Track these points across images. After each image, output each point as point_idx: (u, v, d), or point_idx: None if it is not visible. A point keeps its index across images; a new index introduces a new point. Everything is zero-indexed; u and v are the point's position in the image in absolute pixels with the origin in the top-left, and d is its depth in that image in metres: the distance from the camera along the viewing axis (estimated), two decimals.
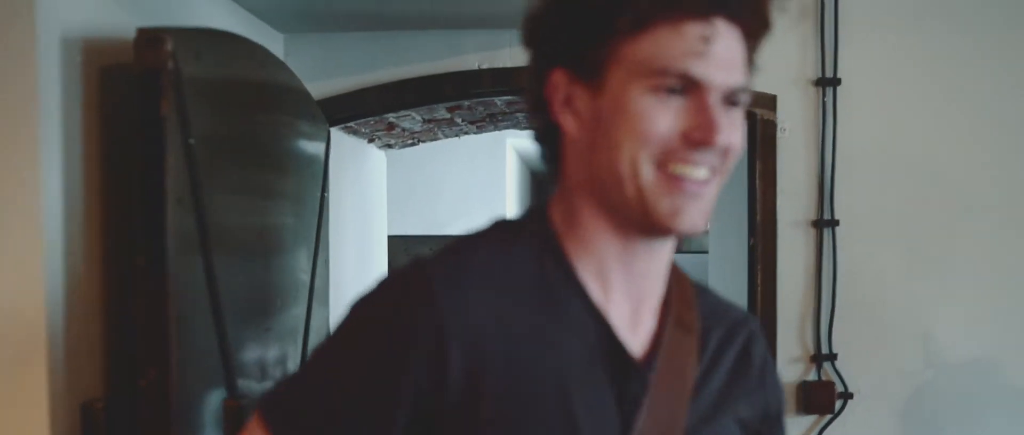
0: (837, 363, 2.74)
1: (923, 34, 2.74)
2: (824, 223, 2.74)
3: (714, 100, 1.01)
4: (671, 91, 1.01)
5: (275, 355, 2.25)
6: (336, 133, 2.99)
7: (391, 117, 3.13)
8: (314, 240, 2.58)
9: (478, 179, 5.70)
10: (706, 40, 1.01)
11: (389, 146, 3.79)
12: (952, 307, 2.74)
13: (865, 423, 2.75)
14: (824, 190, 2.74)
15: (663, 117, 1.01)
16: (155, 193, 1.66)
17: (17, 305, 1.64)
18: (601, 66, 1.03)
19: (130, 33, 1.79)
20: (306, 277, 2.52)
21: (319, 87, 2.82)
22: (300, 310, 2.47)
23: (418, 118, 3.23)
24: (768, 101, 2.73)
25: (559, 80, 1.06)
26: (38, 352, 1.65)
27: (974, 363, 2.75)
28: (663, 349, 1.09)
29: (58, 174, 1.69)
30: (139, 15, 1.96)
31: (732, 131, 1.02)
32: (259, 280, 2.16)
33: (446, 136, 3.73)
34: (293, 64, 2.61)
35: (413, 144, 3.81)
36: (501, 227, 1.12)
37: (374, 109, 2.91)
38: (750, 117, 2.75)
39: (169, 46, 1.66)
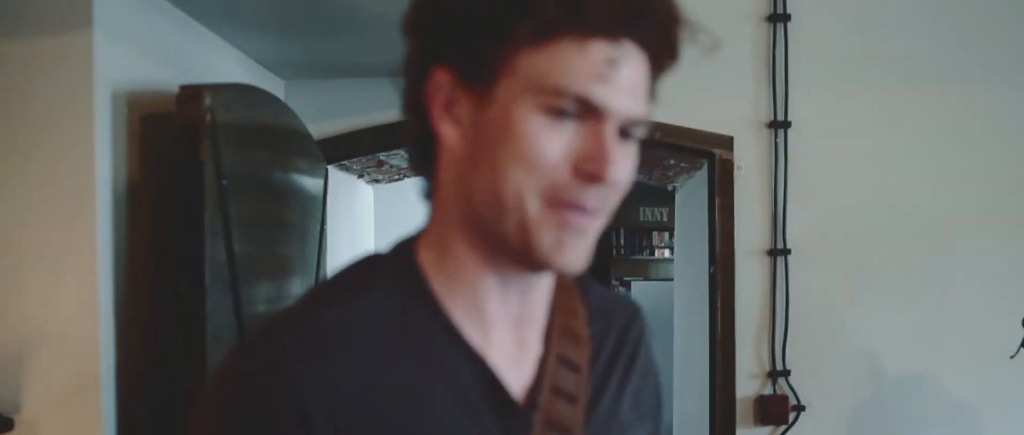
0: (790, 378, 3.01)
1: (867, 82, 3.04)
2: (777, 252, 3.01)
3: (610, 130, 0.90)
4: (564, 114, 0.90)
5: None
6: (331, 170, 3.25)
7: (381, 155, 3.39)
8: (315, 268, 2.83)
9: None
10: (612, 63, 0.90)
11: (377, 181, 4.04)
12: (893, 326, 3.01)
13: (816, 433, 3.02)
14: (777, 222, 3.01)
15: (553, 143, 0.90)
16: (195, 227, 1.92)
17: (76, 324, 1.88)
18: (491, 73, 0.90)
19: (163, 85, 2.05)
20: None
21: (317, 128, 3.08)
22: None
23: (404, 156, 3.49)
24: (726, 142, 3.01)
25: (442, 80, 0.92)
26: (92, 366, 1.89)
27: (914, 377, 3.03)
28: (547, 381, 1.00)
29: (109, 209, 1.93)
30: (170, 68, 2.22)
31: (625, 165, 0.90)
32: (273, 305, 2.41)
33: None
34: (293, 107, 2.87)
35: (399, 179, 4.07)
36: (360, 269, 0.98)
37: (368, 149, 3.17)
38: (709, 156, 3.03)
39: (207, 101, 1.92)
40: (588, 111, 0.88)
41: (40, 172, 1.89)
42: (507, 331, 0.98)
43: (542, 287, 1.00)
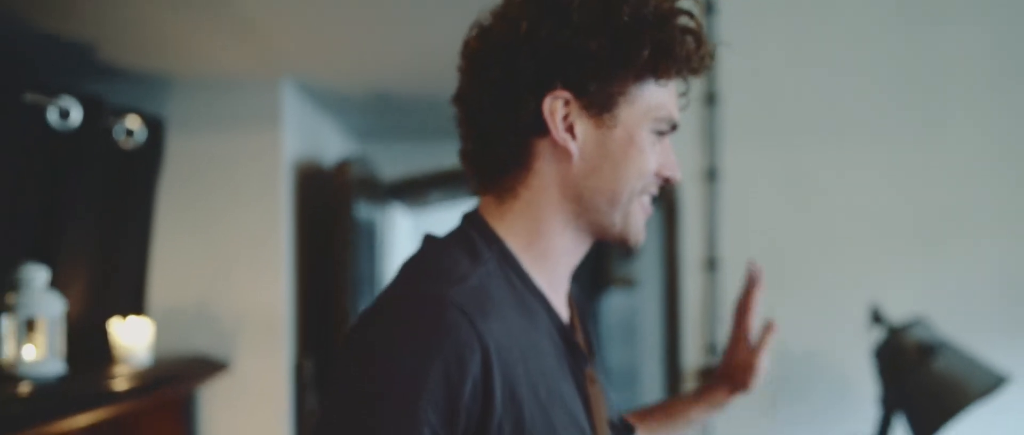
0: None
1: (794, 139, 4.17)
2: (712, 263, 4.16)
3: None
4: (661, 134, 1.15)
5: None
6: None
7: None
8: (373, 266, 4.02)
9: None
10: (684, 96, 1.19)
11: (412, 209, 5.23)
12: (809, 320, 4.15)
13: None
14: (713, 244, 4.16)
15: (655, 156, 1.14)
16: (341, 252, 3.09)
17: (269, 304, 3.05)
18: (614, 102, 1.12)
19: (308, 155, 3.23)
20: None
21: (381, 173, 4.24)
22: None
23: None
24: (670, 188, 4.18)
25: (561, 100, 1.11)
26: (279, 328, 3.06)
27: (811, 355, 4.16)
28: (579, 335, 1.20)
29: (289, 234, 3.11)
30: (308, 143, 3.40)
31: None
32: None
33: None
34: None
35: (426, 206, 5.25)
36: (464, 247, 1.13)
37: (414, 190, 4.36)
38: (668, 200, 4.20)
39: (352, 170, 3.11)
40: (669, 131, 1.17)
41: (246, 212, 3.06)
42: (559, 297, 1.19)
43: None
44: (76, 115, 2.46)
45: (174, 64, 2.88)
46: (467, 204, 4.95)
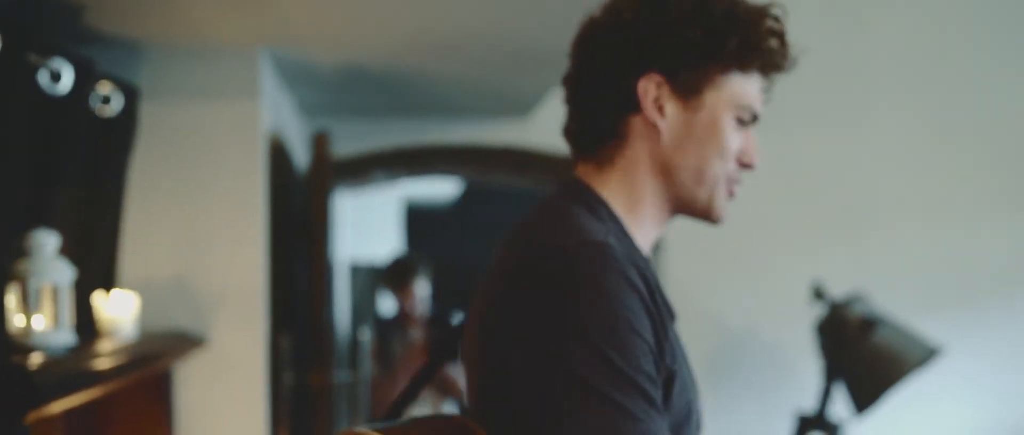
0: None
1: None
2: (655, 246, 4.30)
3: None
4: (742, 123, 1.29)
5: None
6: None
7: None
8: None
9: (375, 216, 7.03)
10: (766, 91, 1.32)
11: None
12: (749, 300, 4.33)
13: None
14: None
15: (736, 142, 1.28)
16: (319, 228, 3.06)
17: (246, 279, 3.00)
18: (702, 88, 1.25)
19: (278, 128, 3.18)
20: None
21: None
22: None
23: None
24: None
25: (654, 82, 1.25)
26: (256, 304, 3.01)
27: (752, 333, 4.35)
28: None
29: (266, 208, 3.05)
30: (278, 116, 3.35)
31: None
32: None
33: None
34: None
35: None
36: (577, 208, 1.23)
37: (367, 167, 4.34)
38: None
39: (329, 141, 3.08)
40: (751, 121, 1.29)
41: (223, 185, 3.00)
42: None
43: None
44: (67, 79, 2.37)
45: (152, 30, 2.80)
46: (411, 183, 4.90)
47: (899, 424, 4.15)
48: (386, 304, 5.43)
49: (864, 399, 3.76)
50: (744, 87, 1.28)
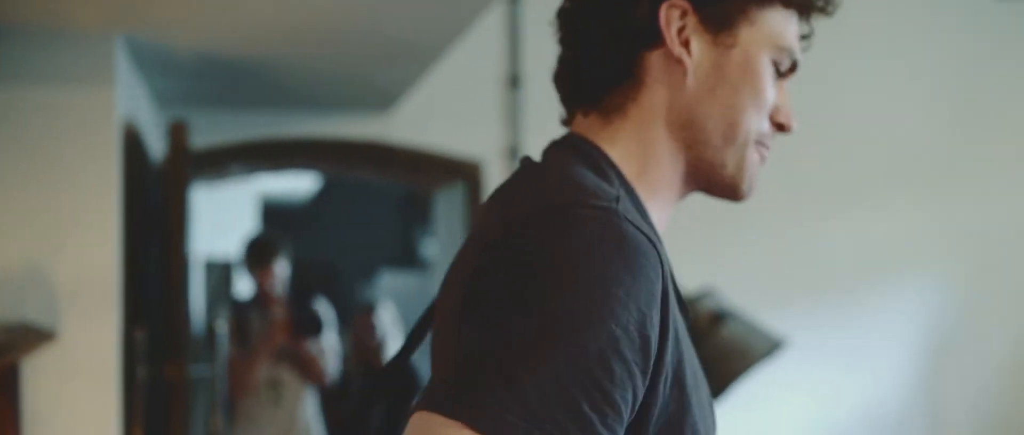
0: None
1: None
2: None
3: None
4: (778, 71, 1.05)
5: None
6: None
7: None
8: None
9: (230, 211, 6.89)
10: (808, 37, 1.09)
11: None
12: None
13: None
14: None
15: (773, 92, 1.05)
16: (177, 220, 3.00)
17: (99, 271, 2.91)
18: (734, 19, 1.02)
19: (132, 117, 3.10)
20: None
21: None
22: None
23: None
24: (475, 169, 4.32)
25: (678, 12, 1.01)
26: (110, 297, 2.92)
27: None
28: None
29: (120, 198, 2.97)
30: (132, 104, 3.27)
31: None
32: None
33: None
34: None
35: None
36: (582, 166, 1.00)
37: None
38: (472, 178, 4.33)
39: (186, 131, 3.02)
40: (788, 72, 1.06)
41: (75, 174, 2.91)
42: None
43: None
44: None
45: (3, 12, 2.70)
46: (269, 177, 4.85)
47: (746, 416, 4.31)
48: (243, 286, 5.34)
49: (714, 391, 3.91)
50: (784, 25, 1.05)
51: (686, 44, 1.02)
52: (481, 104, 4.31)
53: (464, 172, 4.34)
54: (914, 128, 4.58)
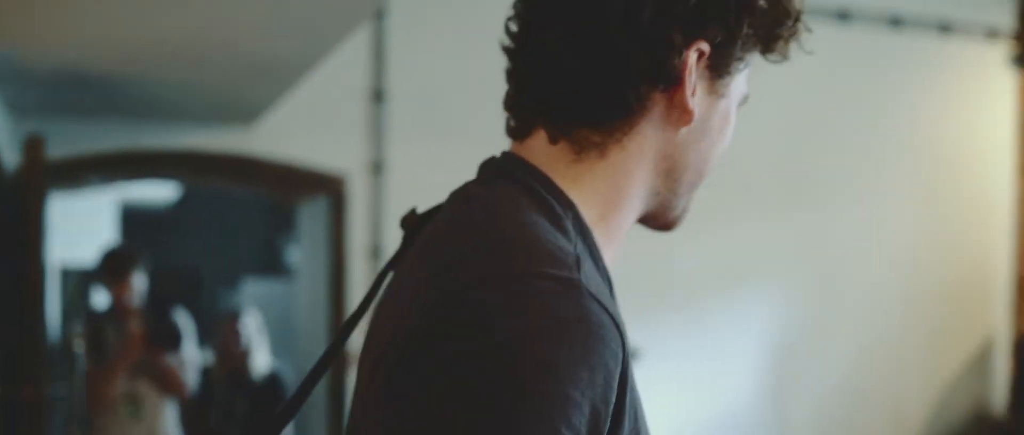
0: None
1: (458, 134, 4.49)
2: (378, 253, 4.41)
3: None
4: None
5: None
6: None
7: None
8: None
9: (88, 216, 6.71)
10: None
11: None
12: None
13: None
14: (378, 233, 4.41)
15: None
16: (34, 238, 2.95)
17: None
18: (734, 68, 0.95)
19: None
20: None
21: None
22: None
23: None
24: (339, 182, 4.37)
25: (695, 54, 0.92)
26: None
27: None
28: None
29: None
30: None
31: None
32: None
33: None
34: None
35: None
36: (535, 211, 0.90)
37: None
38: (336, 192, 4.37)
39: (43, 145, 2.98)
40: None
41: None
42: None
43: None
44: None
45: None
46: (129, 188, 4.74)
47: None
48: (99, 298, 5.24)
49: None
50: (746, 76, 1.00)
51: (694, 92, 0.93)
52: (345, 118, 4.35)
53: (328, 186, 4.37)
54: (760, 148, 4.79)
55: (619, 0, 0.91)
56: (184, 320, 4.34)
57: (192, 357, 4.34)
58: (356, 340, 0.99)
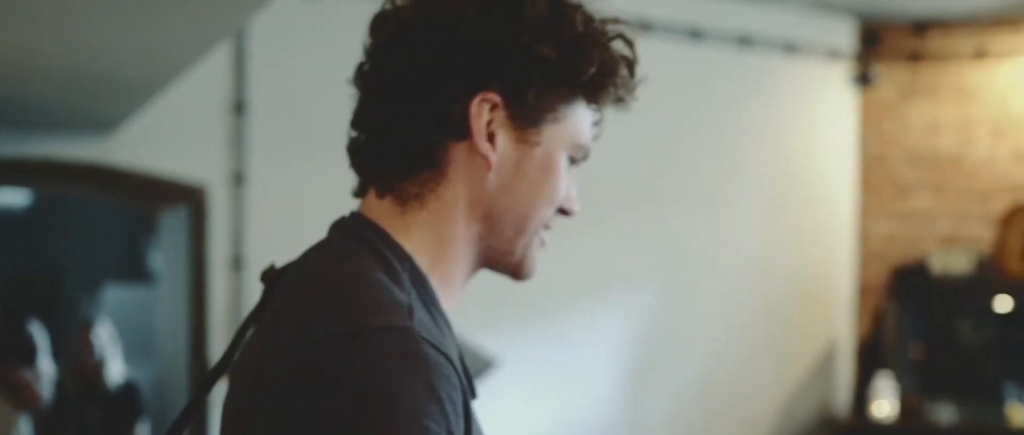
0: None
1: (320, 147, 4.49)
2: (239, 264, 4.39)
3: None
4: (573, 163, 1.06)
5: None
6: None
7: None
8: None
9: None
10: (598, 123, 1.08)
11: None
12: None
13: None
14: (239, 244, 4.39)
15: (566, 184, 1.06)
16: None
17: None
18: (541, 118, 1.01)
19: None
20: None
21: None
22: None
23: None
24: (200, 193, 4.33)
25: (488, 106, 1.00)
26: None
27: None
28: None
29: None
30: None
31: None
32: None
33: None
34: None
35: None
36: (373, 265, 0.99)
37: None
38: (197, 202, 4.34)
39: None
40: (581, 160, 1.08)
41: None
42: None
43: None
44: None
45: None
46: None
47: None
48: None
49: None
50: (584, 120, 1.07)
51: (491, 138, 1.02)
52: (206, 128, 4.31)
53: (188, 196, 4.34)
54: (616, 162, 4.90)
55: (399, 57, 1.01)
56: (39, 332, 4.26)
57: (46, 370, 4.27)
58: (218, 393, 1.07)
